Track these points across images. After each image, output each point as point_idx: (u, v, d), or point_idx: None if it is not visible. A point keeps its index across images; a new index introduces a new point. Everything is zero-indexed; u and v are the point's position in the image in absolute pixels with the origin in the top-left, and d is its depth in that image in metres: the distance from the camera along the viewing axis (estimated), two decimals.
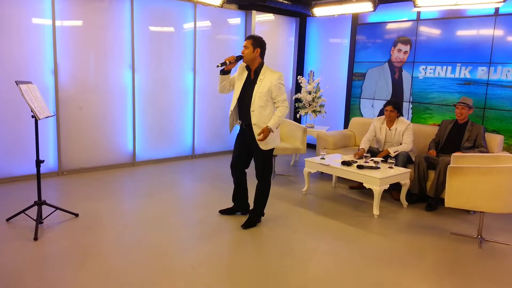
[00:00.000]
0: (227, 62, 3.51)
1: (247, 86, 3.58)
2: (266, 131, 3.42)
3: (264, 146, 3.57)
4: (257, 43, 3.51)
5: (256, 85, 3.51)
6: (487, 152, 4.43)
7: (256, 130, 3.53)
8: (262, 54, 3.56)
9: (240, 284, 2.82)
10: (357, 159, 4.67)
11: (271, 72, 3.54)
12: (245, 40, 3.55)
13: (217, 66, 3.52)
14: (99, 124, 5.56)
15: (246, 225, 3.77)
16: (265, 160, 3.69)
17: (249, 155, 3.80)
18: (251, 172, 3.86)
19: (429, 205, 4.48)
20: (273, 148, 3.69)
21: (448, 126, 4.74)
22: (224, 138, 6.95)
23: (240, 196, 4.00)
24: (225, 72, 3.60)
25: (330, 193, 4.98)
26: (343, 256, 3.31)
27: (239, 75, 3.66)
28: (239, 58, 3.55)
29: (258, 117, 3.52)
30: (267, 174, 3.75)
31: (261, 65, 3.57)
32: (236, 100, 3.63)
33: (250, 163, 3.87)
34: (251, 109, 3.52)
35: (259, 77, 3.52)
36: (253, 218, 3.82)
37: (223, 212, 4.06)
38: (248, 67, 3.60)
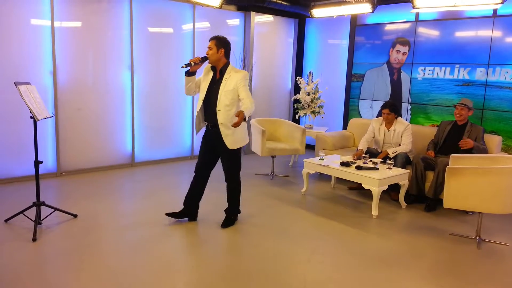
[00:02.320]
0: (192, 63, 3.48)
1: (213, 86, 3.54)
2: (242, 114, 3.23)
3: (232, 145, 3.55)
4: (221, 44, 3.50)
5: (221, 84, 3.49)
6: (486, 152, 4.43)
7: (223, 130, 3.49)
8: (227, 54, 3.55)
9: (239, 285, 2.82)
10: (356, 159, 4.68)
11: (236, 71, 3.54)
12: (209, 41, 3.52)
13: (182, 67, 3.48)
14: (98, 125, 5.56)
15: (225, 224, 3.78)
16: (233, 159, 3.67)
17: (215, 157, 3.76)
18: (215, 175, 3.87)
19: (428, 205, 4.49)
20: (241, 148, 3.68)
21: (447, 127, 4.75)
22: None
23: (192, 200, 3.86)
24: (190, 73, 3.57)
25: (329, 194, 4.98)
26: (342, 257, 3.31)
27: (204, 76, 3.63)
28: (204, 59, 3.52)
29: (224, 117, 3.48)
30: (235, 174, 3.73)
31: (226, 65, 3.55)
32: (202, 101, 3.59)
33: (215, 165, 3.82)
34: (217, 109, 3.49)
35: (225, 77, 3.50)
36: (231, 217, 3.85)
37: (170, 215, 3.84)
38: (213, 68, 3.58)
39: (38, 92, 3.73)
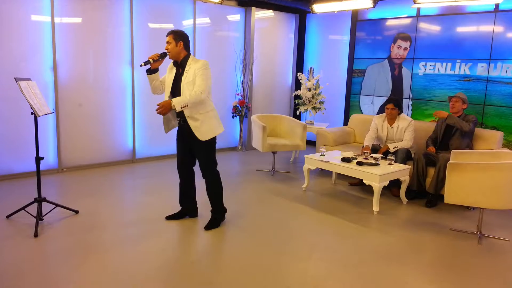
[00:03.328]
0: (151, 60, 3.41)
1: (176, 81, 3.47)
2: (165, 103, 3.22)
3: (202, 136, 3.45)
4: (179, 37, 3.43)
5: (183, 76, 3.42)
6: (468, 128, 4.38)
7: (192, 123, 3.41)
8: (186, 47, 3.47)
9: (239, 280, 2.82)
10: (362, 154, 4.69)
11: (195, 61, 3.44)
12: (166, 36, 3.45)
13: (140, 66, 3.41)
14: (99, 121, 5.56)
15: (209, 226, 3.64)
16: (207, 152, 3.57)
17: (192, 151, 3.65)
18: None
19: (429, 201, 4.49)
20: (214, 139, 3.57)
21: (444, 122, 4.74)
22: (224, 134, 6.95)
23: (187, 198, 3.82)
24: (151, 71, 3.51)
25: (330, 190, 4.98)
26: (343, 252, 3.31)
27: (169, 73, 3.55)
28: (163, 55, 3.47)
29: (190, 109, 3.37)
30: (211, 168, 3.62)
31: (186, 57, 3.46)
32: (168, 98, 3.50)
33: (195, 160, 3.72)
34: None
35: (186, 69, 3.43)
36: (216, 218, 3.71)
37: (170, 217, 3.83)
38: (176, 63, 3.50)
39: (38, 88, 3.73)
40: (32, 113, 3.41)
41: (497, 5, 5.12)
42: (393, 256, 3.27)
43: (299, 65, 7.66)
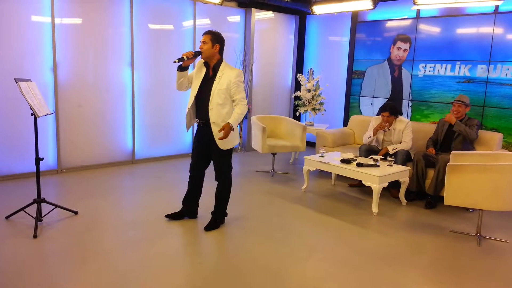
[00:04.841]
0: (185, 57, 3.37)
1: (205, 83, 3.44)
2: (227, 128, 3.28)
3: (223, 145, 3.45)
4: (216, 39, 3.38)
5: (214, 82, 3.38)
6: (473, 136, 4.42)
7: (215, 129, 3.40)
8: (221, 51, 3.44)
9: (239, 281, 2.82)
10: (377, 131, 4.86)
11: (230, 69, 3.43)
12: (203, 35, 3.40)
13: (174, 62, 3.37)
14: (99, 122, 5.56)
15: (209, 227, 3.63)
16: (224, 159, 3.59)
17: (208, 154, 3.65)
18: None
19: (428, 203, 4.49)
20: (232, 148, 3.58)
21: (445, 124, 4.74)
22: None
23: (192, 198, 3.83)
24: (182, 68, 3.46)
25: (329, 191, 4.98)
26: (342, 253, 3.31)
27: (197, 72, 3.51)
28: (197, 54, 3.40)
29: (217, 115, 3.40)
30: (227, 174, 3.64)
31: (219, 61, 3.44)
32: (193, 98, 3.48)
33: (210, 162, 3.72)
34: (209, 107, 3.40)
35: (218, 74, 3.39)
36: (216, 220, 3.70)
37: (170, 216, 3.83)
38: (206, 64, 3.46)
39: (38, 89, 3.73)
40: (32, 114, 3.41)
41: (496, 7, 5.13)
42: (392, 257, 3.27)
43: (299, 66, 7.66)
